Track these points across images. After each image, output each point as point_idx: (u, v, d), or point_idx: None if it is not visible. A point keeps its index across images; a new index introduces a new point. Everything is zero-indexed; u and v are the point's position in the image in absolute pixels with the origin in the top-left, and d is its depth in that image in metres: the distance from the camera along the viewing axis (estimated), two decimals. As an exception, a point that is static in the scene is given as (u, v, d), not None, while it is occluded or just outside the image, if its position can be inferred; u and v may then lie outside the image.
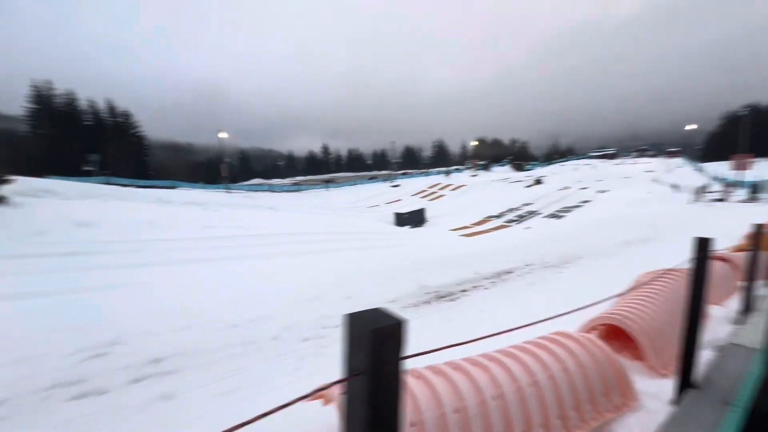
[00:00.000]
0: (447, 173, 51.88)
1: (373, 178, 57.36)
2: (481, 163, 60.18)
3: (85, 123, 49.27)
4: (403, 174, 58.68)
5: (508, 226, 24.86)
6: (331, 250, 13.76)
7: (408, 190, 44.36)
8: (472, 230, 23.46)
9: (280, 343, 4.93)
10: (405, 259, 10.61)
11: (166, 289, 7.59)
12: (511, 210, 29.97)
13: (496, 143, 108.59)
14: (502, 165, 61.02)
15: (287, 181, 64.26)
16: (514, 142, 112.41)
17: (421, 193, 41.42)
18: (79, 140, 44.30)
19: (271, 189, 33.41)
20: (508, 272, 8.98)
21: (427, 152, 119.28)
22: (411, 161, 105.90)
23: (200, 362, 4.22)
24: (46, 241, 13.09)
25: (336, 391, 1.54)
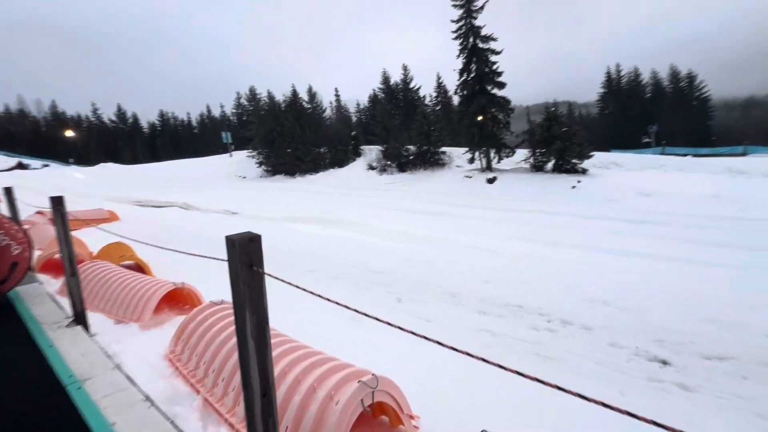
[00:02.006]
0: None
1: None
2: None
3: (646, 96, 51.15)
4: None
5: None
6: None
7: None
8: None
9: None
10: None
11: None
12: None
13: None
14: None
15: None
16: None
17: None
18: (639, 114, 46.87)
19: None
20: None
21: None
22: None
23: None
24: (613, 207, 15.21)
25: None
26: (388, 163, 25.04)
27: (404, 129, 26.87)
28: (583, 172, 19.06)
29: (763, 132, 51.35)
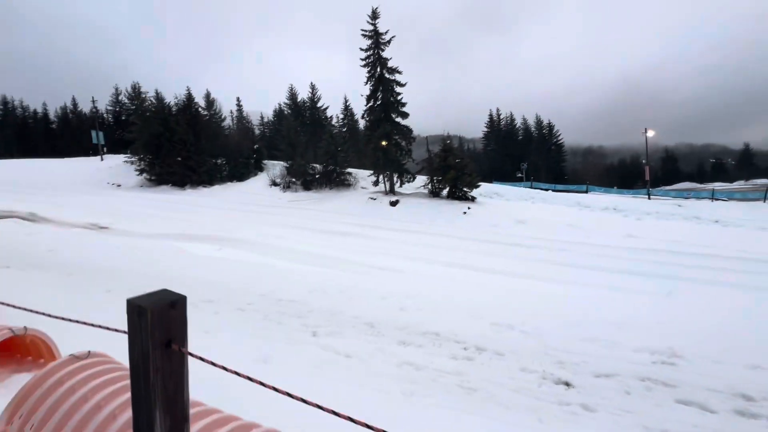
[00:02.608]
0: None
1: None
2: None
3: (519, 138, 60.58)
4: None
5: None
6: None
7: None
8: None
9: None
10: None
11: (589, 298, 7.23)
12: None
13: None
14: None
15: (737, 185, 47.00)
16: None
17: None
18: (514, 152, 55.16)
19: (713, 195, 25.79)
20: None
21: None
22: None
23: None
24: (498, 232, 17.20)
25: None
26: (293, 180, 24.24)
27: (311, 147, 26.51)
28: (473, 199, 21.20)
29: (597, 175, 64.83)
